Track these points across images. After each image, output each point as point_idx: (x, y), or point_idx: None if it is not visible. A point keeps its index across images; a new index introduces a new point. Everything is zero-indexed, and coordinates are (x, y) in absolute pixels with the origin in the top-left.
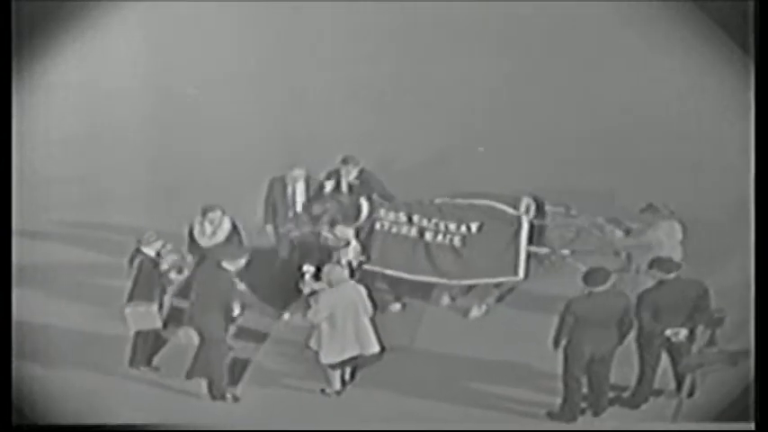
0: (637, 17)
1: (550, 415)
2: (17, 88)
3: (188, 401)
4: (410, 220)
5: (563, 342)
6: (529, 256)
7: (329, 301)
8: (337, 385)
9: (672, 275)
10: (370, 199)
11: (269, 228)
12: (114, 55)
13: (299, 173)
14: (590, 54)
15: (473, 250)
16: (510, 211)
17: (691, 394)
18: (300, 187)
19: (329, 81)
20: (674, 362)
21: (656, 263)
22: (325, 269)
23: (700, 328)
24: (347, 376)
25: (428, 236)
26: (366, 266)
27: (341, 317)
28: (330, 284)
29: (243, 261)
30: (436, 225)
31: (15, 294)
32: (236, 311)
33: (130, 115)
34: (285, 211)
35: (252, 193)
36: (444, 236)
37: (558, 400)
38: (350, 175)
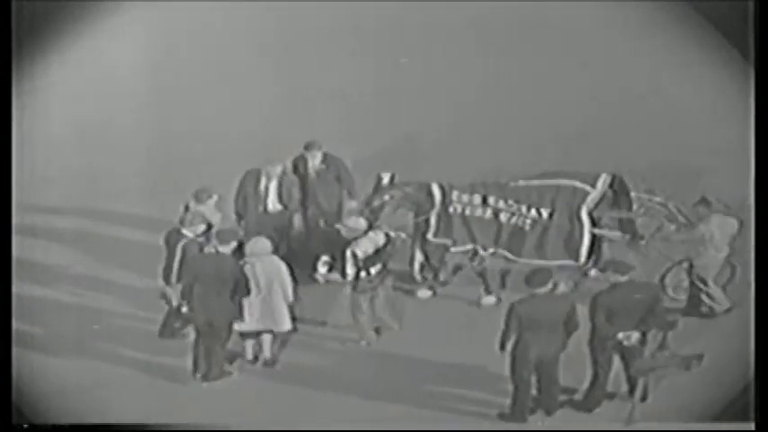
0: (637, 19)
1: (501, 416)
2: (17, 88)
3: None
4: (485, 201)
5: (509, 345)
6: (594, 240)
7: (252, 272)
8: (249, 355)
9: (625, 278)
10: (441, 185)
11: (242, 223)
12: (114, 55)
13: (275, 168)
14: (589, 55)
15: (541, 234)
16: (587, 188)
17: (644, 398)
18: (274, 183)
19: (327, 79)
20: (627, 365)
21: (609, 264)
22: (252, 241)
23: (652, 332)
24: (267, 353)
25: (503, 217)
26: (453, 249)
27: (255, 288)
28: (252, 255)
29: (235, 243)
30: (511, 207)
31: (15, 293)
32: (246, 293)
33: (130, 114)
34: (255, 206)
35: None
36: (518, 218)
37: (508, 401)
38: (315, 160)
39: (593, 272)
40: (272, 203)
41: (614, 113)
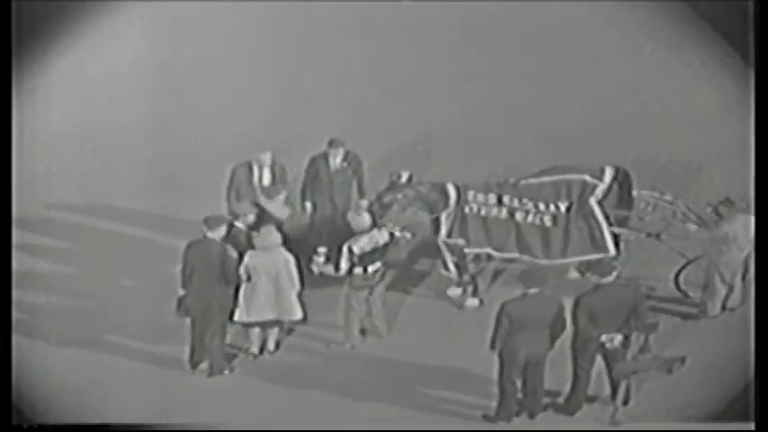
0: (637, 19)
1: (486, 417)
2: (17, 88)
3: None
4: (500, 201)
5: (499, 344)
6: (615, 235)
7: (252, 262)
8: (255, 348)
9: (609, 279)
10: (456, 185)
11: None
12: (114, 55)
13: (265, 157)
14: (589, 55)
15: (564, 230)
16: (596, 182)
17: (626, 402)
18: (267, 173)
19: (326, 75)
20: (609, 368)
21: (592, 266)
22: (263, 230)
23: (634, 334)
24: (271, 346)
25: (518, 216)
26: (467, 251)
27: (262, 279)
28: (262, 247)
29: (224, 228)
30: (526, 205)
31: (15, 292)
32: (237, 279)
33: (130, 114)
34: (252, 198)
35: None
36: (535, 215)
37: (494, 404)
38: (337, 158)
39: (572, 273)
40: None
41: (614, 113)
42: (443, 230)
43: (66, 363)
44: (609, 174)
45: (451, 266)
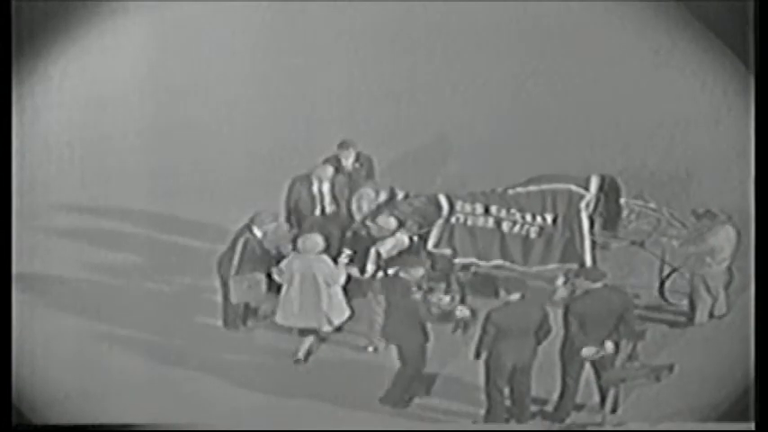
0: (635, 22)
1: (475, 424)
2: (17, 90)
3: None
4: (487, 210)
5: (484, 353)
6: (594, 244)
7: (290, 266)
8: (300, 354)
9: (598, 285)
10: (448, 196)
11: (295, 231)
12: (115, 56)
13: (326, 170)
14: (578, 59)
15: (547, 242)
16: (581, 191)
17: (614, 410)
18: (327, 186)
19: (332, 80)
20: (598, 375)
21: (581, 272)
22: (302, 238)
23: (623, 342)
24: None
25: (505, 226)
26: (456, 261)
27: (298, 283)
28: (302, 251)
29: (422, 270)
30: (514, 216)
31: (15, 294)
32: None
33: (131, 116)
34: (312, 210)
35: (253, 192)
36: (522, 226)
37: (482, 411)
38: (349, 159)
39: (560, 280)
40: (329, 205)
41: (604, 119)
42: (431, 241)
43: (67, 363)
44: (595, 183)
45: (419, 276)
